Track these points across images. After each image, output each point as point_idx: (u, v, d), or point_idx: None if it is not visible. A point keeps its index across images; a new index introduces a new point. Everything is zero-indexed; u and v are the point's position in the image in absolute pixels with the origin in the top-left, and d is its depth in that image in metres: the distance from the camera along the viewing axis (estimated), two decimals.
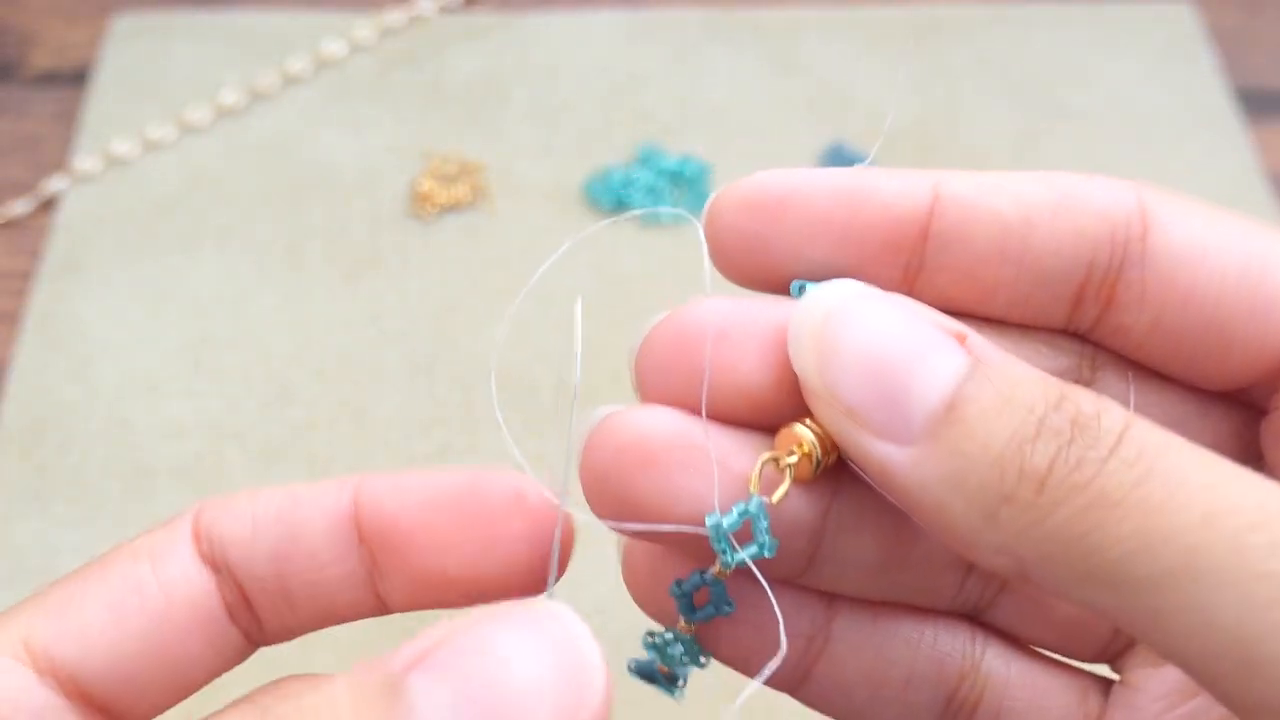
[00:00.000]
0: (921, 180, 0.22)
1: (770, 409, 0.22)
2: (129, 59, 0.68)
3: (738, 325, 0.22)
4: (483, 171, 0.64)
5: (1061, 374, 0.23)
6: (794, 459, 0.22)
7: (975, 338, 0.20)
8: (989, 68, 0.69)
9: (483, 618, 0.18)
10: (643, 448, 0.22)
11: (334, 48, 0.69)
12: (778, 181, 0.23)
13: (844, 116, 0.67)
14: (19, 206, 0.61)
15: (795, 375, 0.21)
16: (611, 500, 0.22)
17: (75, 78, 0.68)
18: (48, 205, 0.62)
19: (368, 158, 0.65)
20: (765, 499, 0.22)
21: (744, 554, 0.22)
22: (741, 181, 0.23)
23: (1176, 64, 0.69)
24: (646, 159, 0.64)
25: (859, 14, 0.72)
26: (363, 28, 0.70)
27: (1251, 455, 0.23)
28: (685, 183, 0.64)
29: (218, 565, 0.22)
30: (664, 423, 0.22)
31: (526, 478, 0.23)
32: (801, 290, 0.23)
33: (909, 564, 0.24)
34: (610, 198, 0.63)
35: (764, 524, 0.22)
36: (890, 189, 0.22)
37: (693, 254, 0.66)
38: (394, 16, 0.70)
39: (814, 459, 0.22)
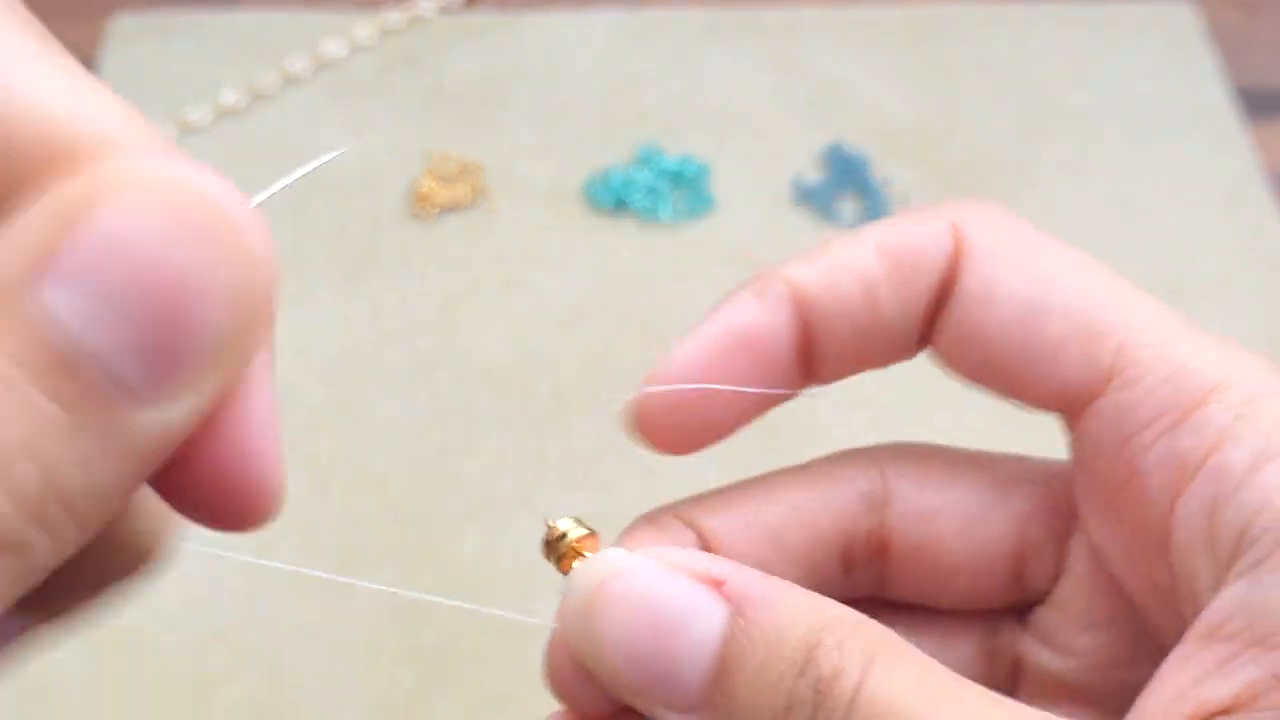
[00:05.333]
0: (776, 296, 0.25)
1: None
2: (129, 59, 0.68)
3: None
4: (483, 171, 0.64)
5: (861, 496, 0.26)
6: None
7: (736, 576, 0.22)
8: (989, 68, 0.69)
9: (97, 205, 0.15)
10: None
11: (334, 48, 0.69)
12: (678, 369, 0.25)
13: (844, 116, 0.67)
14: None
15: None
16: None
17: None
18: None
19: (368, 158, 0.65)
20: None
21: None
22: (647, 392, 0.25)
23: (1176, 64, 0.69)
24: (646, 159, 0.64)
25: (859, 14, 0.72)
26: (363, 28, 0.70)
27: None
28: (685, 183, 0.64)
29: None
30: None
31: None
32: None
33: None
34: (610, 198, 0.63)
35: None
36: (759, 325, 0.25)
37: (692, 254, 0.67)
38: (394, 16, 0.70)
39: (581, 539, 0.24)
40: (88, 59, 0.69)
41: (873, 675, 0.20)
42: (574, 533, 0.24)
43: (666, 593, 0.21)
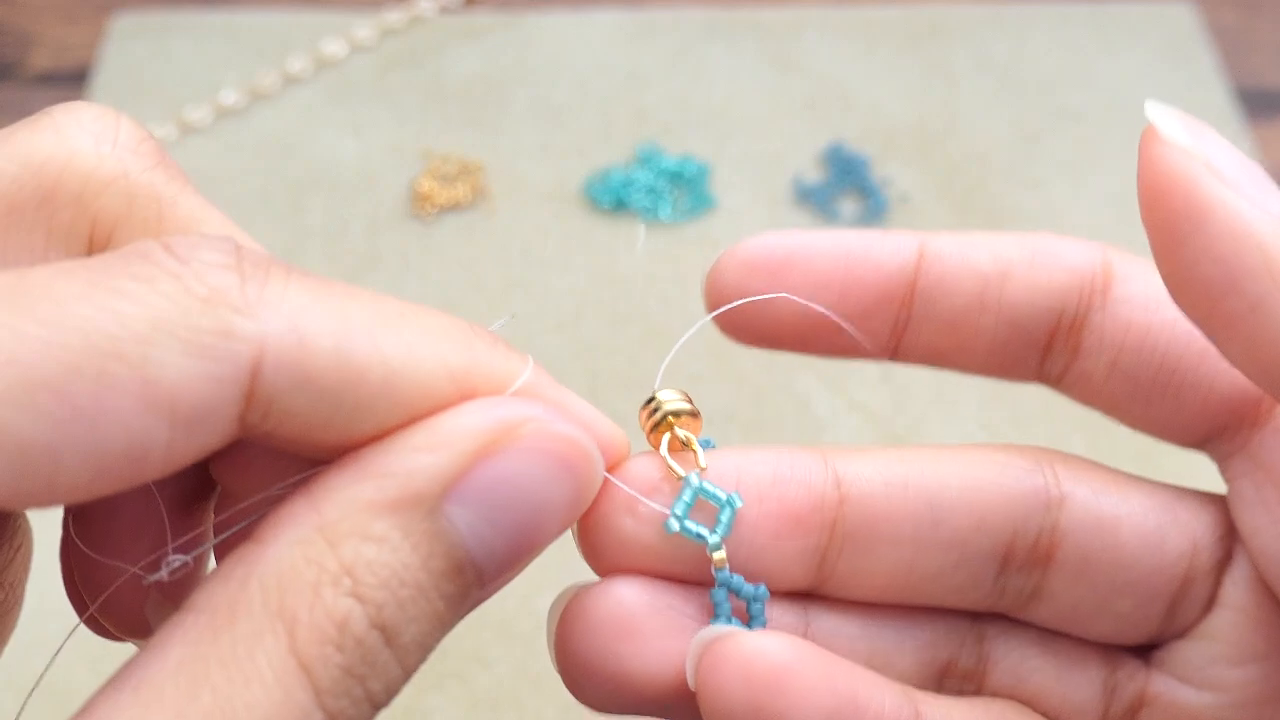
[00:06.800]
0: (908, 239, 0.24)
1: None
2: (129, 59, 0.68)
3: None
4: (483, 171, 0.64)
5: (1037, 491, 0.24)
6: (676, 427, 0.23)
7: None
8: (989, 68, 0.69)
9: (501, 448, 0.19)
10: (623, 620, 0.22)
11: (334, 48, 0.69)
12: (779, 243, 0.24)
13: (844, 116, 0.67)
14: None
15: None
16: (594, 676, 0.22)
17: (75, 78, 0.68)
18: None
19: (368, 158, 0.65)
20: (695, 471, 0.23)
21: (718, 532, 0.22)
22: (744, 243, 0.25)
23: (1176, 64, 0.69)
24: (646, 159, 0.64)
25: (859, 14, 0.72)
26: (363, 28, 0.70)
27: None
28: (685, 183, 0.64)
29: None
30: (637, 594, 0.22)
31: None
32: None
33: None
34: (610, 198, 0.63)
35: (711, 489, 0.22)
36: (882, 249, 0.24)
37: (692, 254, 0.66)
38: (394, 16, 0.70)
39: (681, 413, 0.23)
40: (87, 59, 0.69)
41: None
42: (673, 404, 0.23)
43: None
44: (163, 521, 0.22)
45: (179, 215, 0.21)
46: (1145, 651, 0.25)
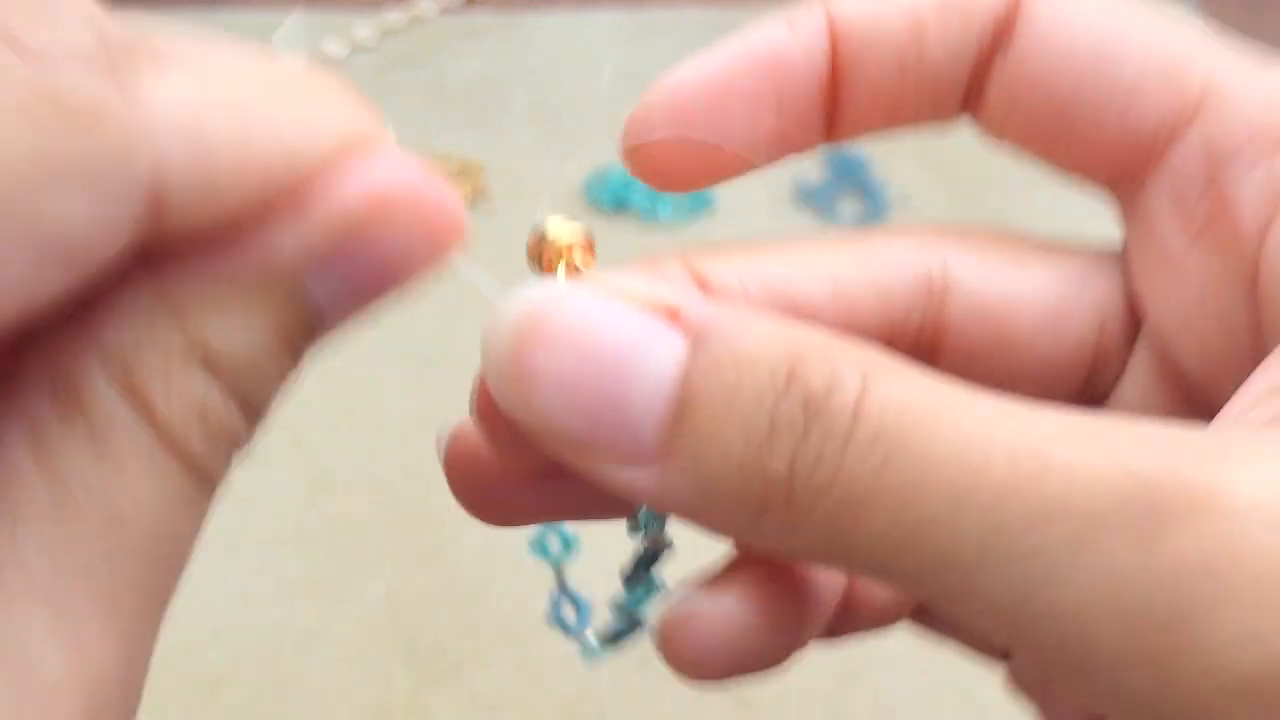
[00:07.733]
0: (815, 22, 0.22)
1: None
2: None
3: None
4: (483, 171, 0.64)
5: (917, 280, 0.22)
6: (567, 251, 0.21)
7: (693, 305, 0.18)
8: None
9: (368, 218, 0.18)
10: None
11: (334, 48, 0.69)
12: (690, 80, 0.23)
13: None
14: None
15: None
16: (486, 503, 0.23)
17: None
18: None
19: None
20: None
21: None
22: (655, 92, 0.23)
23: None
24: None
25: None
26: (363, 28, 0.70)
27: None
28: None
29: None
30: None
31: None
32: None
33: None
34: (610, 197, 0.63)
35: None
36: (793, 48, 0.22)
37: None
38: (394, 16, 0.70)
39: (575, 244, 0.22)
40: None
41: (875, 385, 0.16)
42: (563, 235, 0.21)
43: (609, 324, 0.17)
44: None
45: None
46: None
